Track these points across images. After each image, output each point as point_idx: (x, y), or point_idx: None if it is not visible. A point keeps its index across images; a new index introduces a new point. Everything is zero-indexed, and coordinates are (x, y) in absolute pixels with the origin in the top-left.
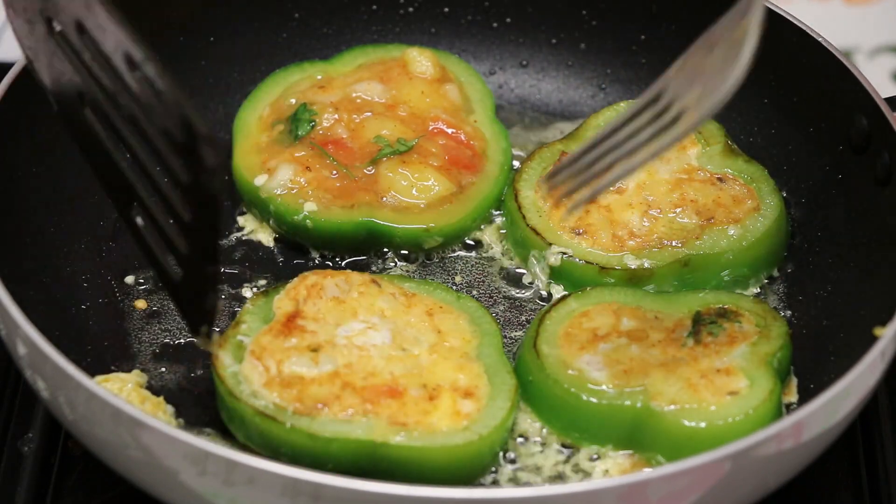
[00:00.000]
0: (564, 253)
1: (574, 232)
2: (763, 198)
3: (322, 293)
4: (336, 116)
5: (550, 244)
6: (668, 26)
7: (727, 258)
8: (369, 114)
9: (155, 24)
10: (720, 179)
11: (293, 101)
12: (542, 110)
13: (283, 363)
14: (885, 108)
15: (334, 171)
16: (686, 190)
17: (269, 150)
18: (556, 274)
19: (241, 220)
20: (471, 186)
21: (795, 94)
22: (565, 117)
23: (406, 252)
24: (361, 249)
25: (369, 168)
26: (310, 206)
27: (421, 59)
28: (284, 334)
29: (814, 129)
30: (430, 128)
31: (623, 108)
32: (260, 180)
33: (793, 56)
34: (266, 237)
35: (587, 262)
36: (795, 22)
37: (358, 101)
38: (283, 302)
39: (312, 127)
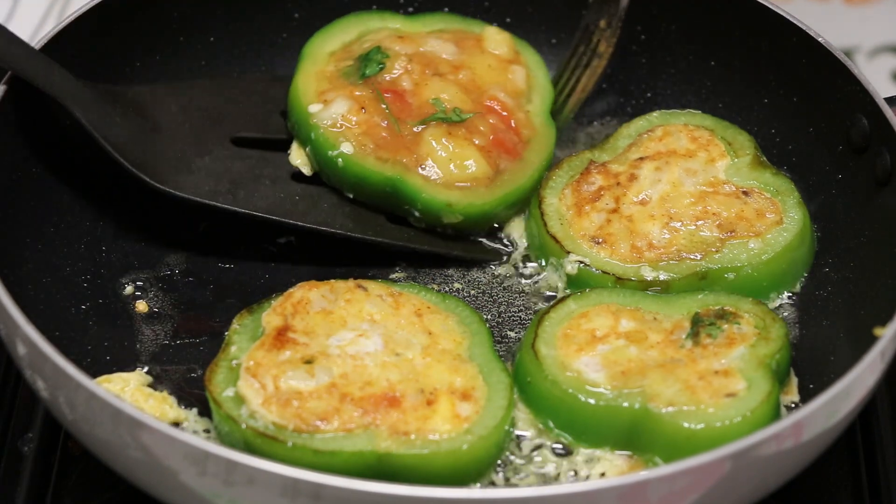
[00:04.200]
0: (582, 262)
1: (593, 241)
2: (787, 211)
3: (309, 307)
4: (406, 67)
5: (569, 252)
6: (668, 26)
7: (746, 272)
8: (435, 74)
9: (155, 23)
10: (745, 193)
11: (367, 45)
12: None
13: (280, 378)
14: (885, 108)
15: (384, 121)
16: (709, 203)
17: (332, 80)
18: (572, 282)
19: (293, 145)
20: (505, 174)
21: (795, 94)
22: None
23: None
24: (384, 204)
25: (417, 127)
26: (346, 147)
27: (498, 39)
28: (277, 347)
29: (814, 129)
30: (486, 103)
31: (656, 117)
32: (314, 108)
33: (793, 56)
34: (307, 169)
35: (604, 272)
36: (795, 22)
37: (428, 55)
38: (271, 317)
39: (381, 69)
